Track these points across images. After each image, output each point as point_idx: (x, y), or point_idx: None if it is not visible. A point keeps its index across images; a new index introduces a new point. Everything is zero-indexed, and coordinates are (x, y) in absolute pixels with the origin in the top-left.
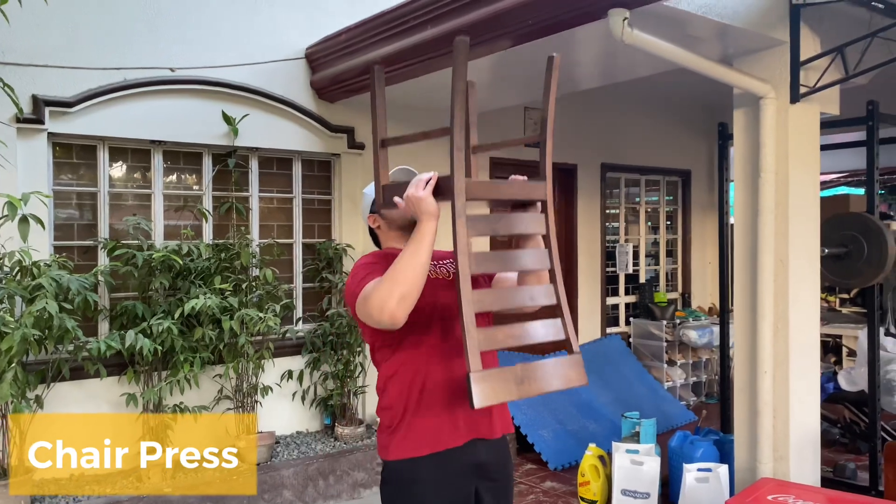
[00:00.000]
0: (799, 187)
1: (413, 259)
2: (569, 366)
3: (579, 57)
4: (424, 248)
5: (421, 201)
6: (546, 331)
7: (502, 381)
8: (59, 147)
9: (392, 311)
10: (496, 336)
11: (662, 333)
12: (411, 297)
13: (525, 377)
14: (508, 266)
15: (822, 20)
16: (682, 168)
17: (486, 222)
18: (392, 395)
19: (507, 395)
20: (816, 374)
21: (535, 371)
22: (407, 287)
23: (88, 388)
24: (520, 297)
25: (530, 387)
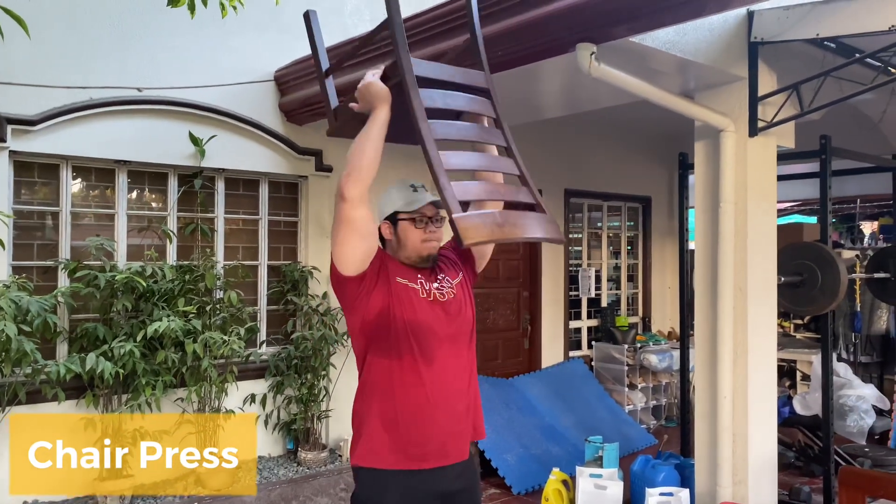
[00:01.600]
0: (757, 217)
1: (362, 138)
2: (545, 220)
3: (544, 87)
4: (375, 129)
5: (370, 85)
6: (517, 193)
7: (485, 222)
8: (20, 165)
9: (341, 186)
10: (470, 189)
11: (624, 357)
12: (358, 171)
13: (505, 222)
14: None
15: (778, 58)
16: (643, 195)
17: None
18: (366, 401)
19: (491, 233)
20: (774, 398)
21: (514, 217)
22: (354, 163)
23: (43, 412)
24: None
25: (513, 230)
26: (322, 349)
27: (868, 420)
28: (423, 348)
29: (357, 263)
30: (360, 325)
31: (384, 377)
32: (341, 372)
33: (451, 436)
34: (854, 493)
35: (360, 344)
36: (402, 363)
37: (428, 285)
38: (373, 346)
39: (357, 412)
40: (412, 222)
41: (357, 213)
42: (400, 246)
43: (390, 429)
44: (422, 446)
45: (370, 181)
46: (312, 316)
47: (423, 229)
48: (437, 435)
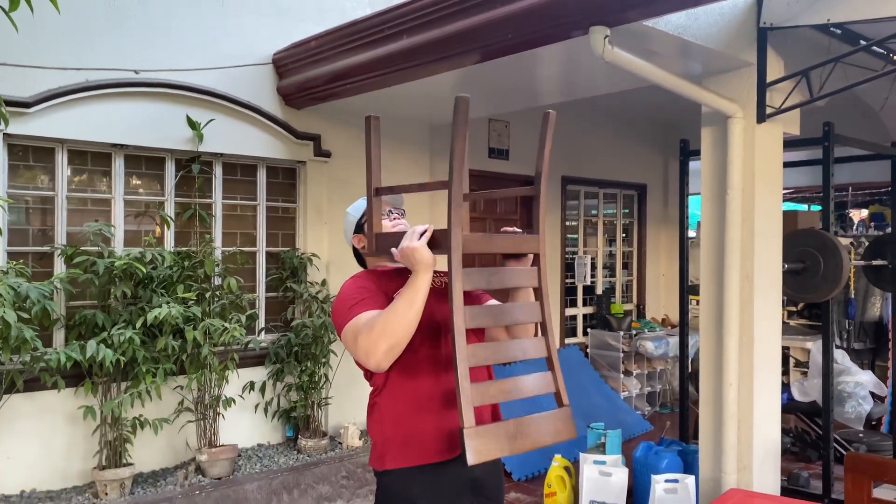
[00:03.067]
0: (764, 204)
1: (407, 312)
2: (559, 419)
3: (544, 73)
4: (418, 301)
5: (416, 252)
6: (537, 384)
7: (495, 437)
8: (14, 149)
9: (378, 361)
10: (488, 391)
11: (619, 344)
12: (399, 348)
13: (518, 433)
14: (500, 320)
15: (786, 44)
16: (639, 182)
17: (480, 275)
18: (384, 407)
19: (500, 451)
20: (778, 385)
21: (528, 426)
22: (396, 339)
23: (43, 401)
24: (512, 351)
25: (523, 442)
26: (322, 336)
27: (866, 406)
28: (434, 338)
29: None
30: None
31: (396, 377)
32: (341, 359)
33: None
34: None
35: None
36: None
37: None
38: None
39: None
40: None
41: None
42: None
43: (411, 427)
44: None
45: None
46: (312, 303)
47: (386, 218)
48: (456, 423)
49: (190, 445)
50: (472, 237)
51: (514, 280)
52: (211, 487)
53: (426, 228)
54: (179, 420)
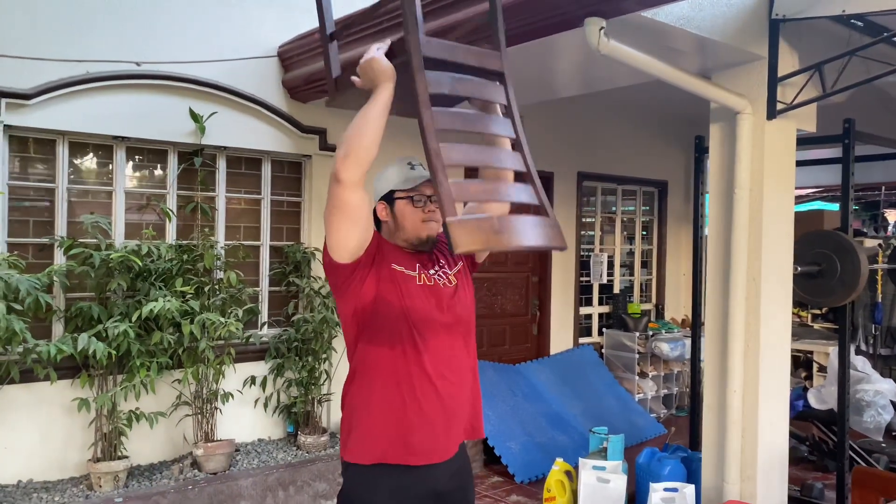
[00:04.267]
0: (773, 204)
1: (361, 118)
2: (547, 225)
3: (558, 65)
4: (376, 109)
5: (374, 61)
6: (518, 193)
7: (479, 229)
8: (15, 140)
9: (336, 169)
10: (468, 188)
11: (635, 345)
12: (355, 154)
13: (503, 229)
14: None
15: (800, 37)
16: (659, 179)
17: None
18: (358, 392)
19: (487, 241)
20: (786, 394)
21: (513, 223)
22: (352, 145)
23: (39, 392)
24: (487, 155)
25: (510, 237)
26: (323, 332)
27: (885, 416)
28: (419, 337)
29: (351, 251)
30: (353, 312)
31: (377, 367)
32: (342, 356)
33: (446, 429)
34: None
35: (352, 332)
36: (396, 352)
37: (426, 272)
38: (365, 335)
39: (348, 404)
40: (410, 202)
41: (352, 197)
42: (398, 228)
43: (383, 421)
44: (416, 439)
45: (368, 164)
46: (314, 298)
47: (421, 209)
48: (432, 428)
49: (188, 439)
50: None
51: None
52: (204, 482)
53: (383, 43)
54: (177, 414)
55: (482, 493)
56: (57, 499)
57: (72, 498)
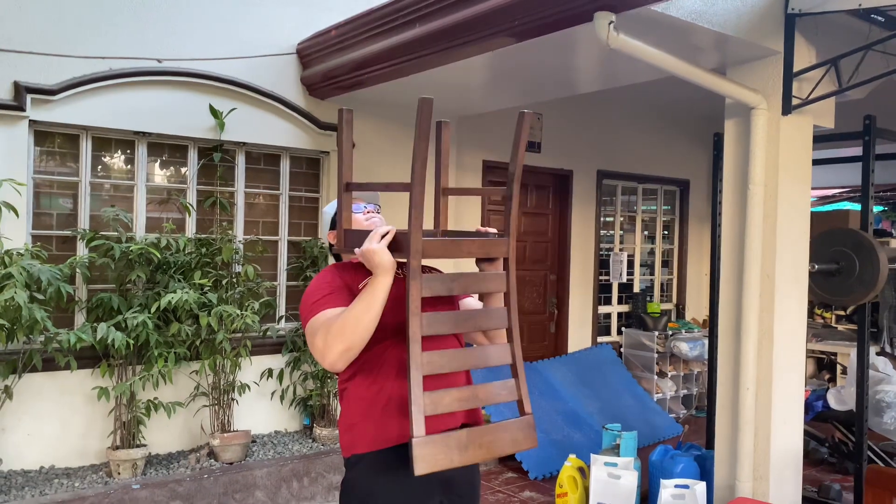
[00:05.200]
0: (789, 201)
1: (363, 316)
2: (518, 428)
3: (574, 60)
4: (376, 305)
5: (375, 254)
6: (498, 392)
7: (445, 447)
8: (40, 135)
9: (332, 362)
10: (442, 400)
11: (654, 344)
12: (354, 350)
13: (470, 443)
14: (461, 326)
15: (818, 31)
16: (681, 178)
17: (441, 281)
18: (352, 397)
19: (449, 462)
20: (801, 392)
21: (482, 436)
22: (351, 342)
23: (61, 381)
24: (472, 358)
25: (475, 453)
26: None
27: None
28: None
29: None
30: None
31: (370, 364)
32: None
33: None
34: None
35: None
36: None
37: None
38: None
39: (346, 402)
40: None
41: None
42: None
43: (382, 412)
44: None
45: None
46: None
47: (361, 214)
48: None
49: (205, 430)
50: (433, 242)
51: (477, 285)
52: (220, 472)
53: (389, 230)
54: (195, 404)
55: (496, 488)
56: (77, 485)
57: (91, 484)
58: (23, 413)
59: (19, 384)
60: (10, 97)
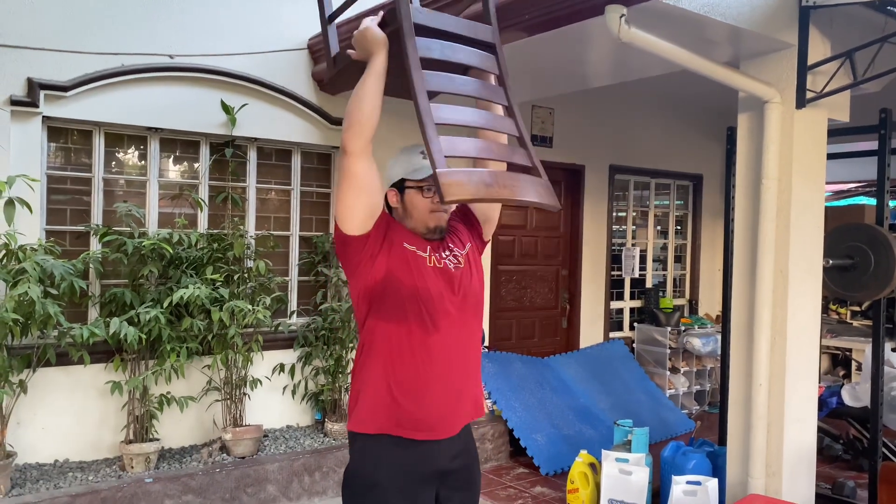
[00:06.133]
0: (802, 195)
1: (359, 88)
2: (541, 184)
3: (585, 54)
4: (371, 78)
5: (367, 30)
6: (512, 155)
7: (471, 179)
8: (54, 131)
9: (343, 141)
10: (459, 144)
11: (666, 340)
12: (358, 124)
13: (494, 182)
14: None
15: (832, 24)
16: (694, 172)
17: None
18: (366, 365)
19: (476, 192)
20: (814, 389)
21: (506, 178)
22: (353, 116)
23: (75, 375)
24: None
25: (501, 190)
26: (350, 321)
27: None
28: (428, 316)
29: (360, 220)
30: (364, 289)
31: (386, 341)
32: None
33: (450, 407)
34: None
35: (362, 309)
36: (405, 329)
37: (436, 254)
38: (374, 311)
39: (356, 377)
40: (419, 191)
41: (359, 166)
42: (407, 215)
43: (389, 394)
44: (420, 414)
45: (371, 133)
46: (342, 288)
47: (430, 199)
48: (436, 404)
49: (217, 424)
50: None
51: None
52: (232, 466)
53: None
54: (207, 399)
55: (507, 483)
56: (91, 478)
57: (104, 478)
58: (37, 407)
59: (34, 378)
60: (23, 93)
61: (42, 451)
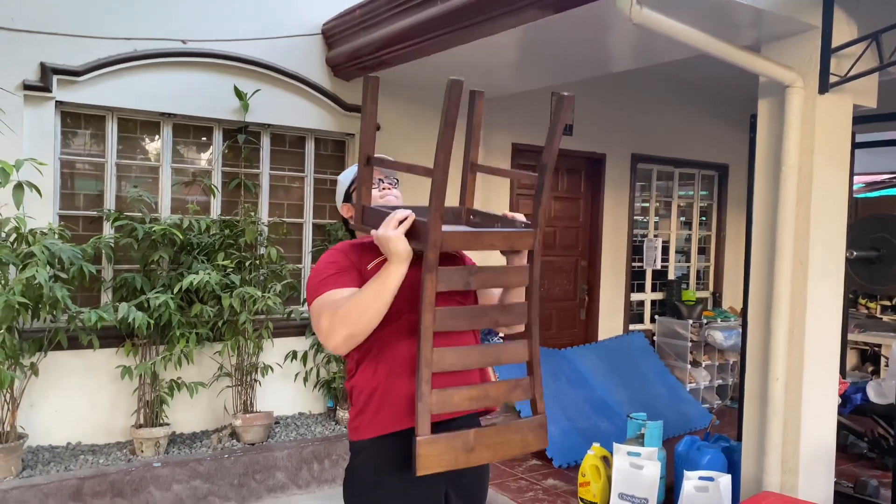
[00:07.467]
0: (824, 184)
1: (373, 303)
2: (529, 428)
3: (603, 37)
4: (386, 293)
5: (390, 241)
6: (510, 392)
7: (450, 448)
8: (67, 116)
9: (336, 345)
10: (452, 399)
11: (688, 333)
12: (359, 337)
13: (477, 444)
14: (477, 322)
15: (859, 4)
16: (720, 162)
17: (458, 274)
18: (360, 375)
19: (453, 462)
20: (834, 384)
21: (490, 437)
22: (356, 328)
23: (87, 359)
24: (486, 356)
25: (482, 454)
26: None
27: None
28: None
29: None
30: None
31: (374, 344)
32: None
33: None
34: None
35: None
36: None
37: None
38: None
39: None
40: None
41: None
42: None
43: (384, 394)
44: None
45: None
46: None
47: (376, 188)
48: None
49: (228, 410)
50: (454, 235)
51: (498, 279)
52: (241, 452)
53: (407, 215)
54: (219, 385)
55: (519, 475)
56: (102, 461)
57: (114, 461)
58: (51, 390)
59: (46, 361)
60: (36, 78)
61: (55, 434)
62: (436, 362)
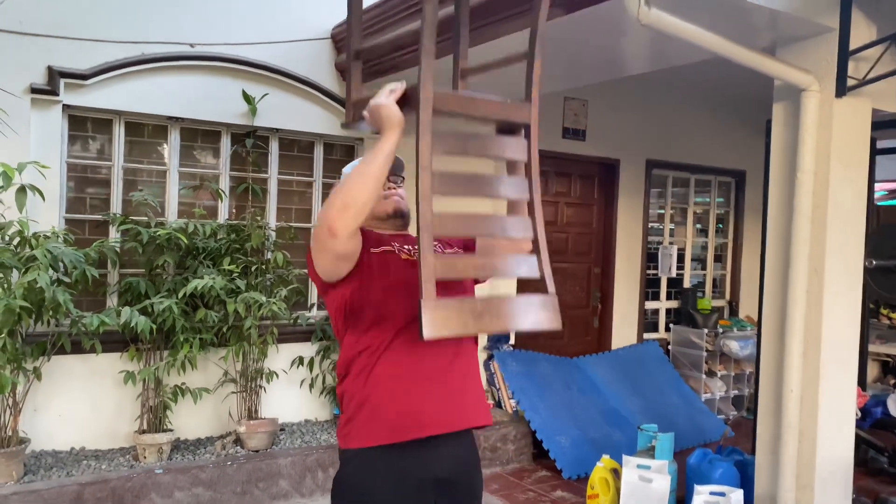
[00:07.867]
0: (841, 190)
1: (364, 168)
2: (540, 306)
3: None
4: (379, 160)
5: (382, 107)
6: (517, 266)
7: (458, 311)
8: (74, 120)
9: (332, 220)
10: (456, 264)
11: (703, 342)
12: (354, 208)
13: (486, 311)
14: (477, 190)
15: (879, 6)
16: (737, 168)
17: (455, 140)
18: (351, 380)
19: (463, 327)
20: (852, 396)
21: (499, 306)
22: (351, 196)
23: (91, 363)
24: (489, 225)
25: (491, 322)
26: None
27: None
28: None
29: (342, 275)
30: (339, 303)
31: (366, 349)
32: None
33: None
34: None
35: (339, 321)
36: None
37: (404, 246)
38: (352, 320)
39: (347, 396)
40: None
41: (348, 245)
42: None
43: (382, 405)
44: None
45: (364, 217)
46: None
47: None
48: (428, 399)
49: (233, 416)
50: (447, 94)
51: (495, 148)
52: (244, 459)
53: (398, 85)
54: (223, 391)
55: (527, 486)
56: (104, 466)
57: (117, 467)
58: (54, 394)
59: (50, 366)
60: (43, 81)
61: (58, 439)
62: (436, 226)
